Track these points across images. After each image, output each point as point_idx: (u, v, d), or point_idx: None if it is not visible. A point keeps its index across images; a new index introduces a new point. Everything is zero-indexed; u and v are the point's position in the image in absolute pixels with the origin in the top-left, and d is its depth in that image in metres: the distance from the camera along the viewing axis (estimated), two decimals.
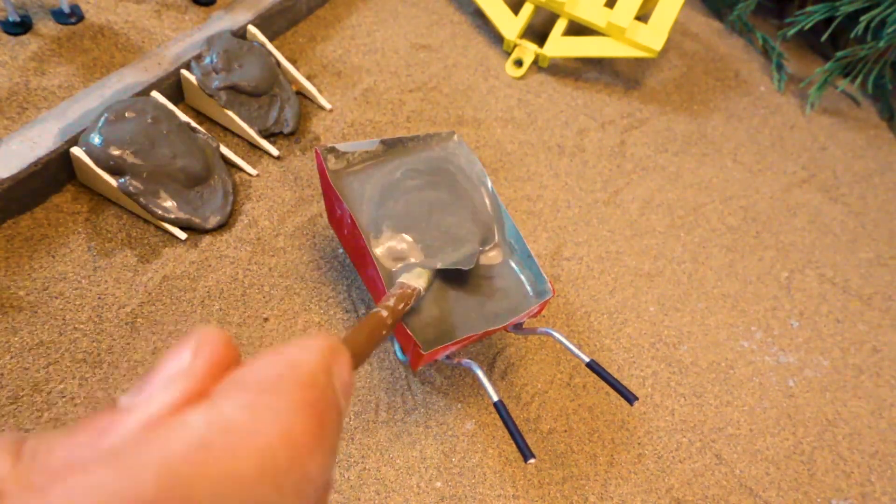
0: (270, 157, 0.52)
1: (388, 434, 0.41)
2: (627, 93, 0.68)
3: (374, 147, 0.45)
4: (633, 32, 0.63)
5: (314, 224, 0.49)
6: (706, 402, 0.48)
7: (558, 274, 0.52)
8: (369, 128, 0.56)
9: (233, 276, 0.45)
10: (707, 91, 0.71)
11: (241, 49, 0.52)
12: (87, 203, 0.46)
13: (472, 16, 0.69)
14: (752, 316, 0.54)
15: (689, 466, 0.45)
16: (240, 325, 0.43)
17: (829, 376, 0.52)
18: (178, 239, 0.46)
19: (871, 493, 0.46)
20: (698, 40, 0.76)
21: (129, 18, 0.55)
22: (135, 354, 0.41)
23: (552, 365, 0.47)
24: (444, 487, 0.40)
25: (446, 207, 0.45)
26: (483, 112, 0.61)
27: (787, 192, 0.64)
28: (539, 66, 0.67)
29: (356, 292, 0.47)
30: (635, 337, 0.50)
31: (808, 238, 0.61)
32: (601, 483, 0.43)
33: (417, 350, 0.36)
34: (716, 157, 0.65)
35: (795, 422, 0.48)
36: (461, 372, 0.45)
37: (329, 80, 0.59)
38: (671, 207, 0.59)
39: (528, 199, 0.56)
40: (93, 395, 0.39)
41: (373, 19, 0.65)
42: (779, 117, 0.71)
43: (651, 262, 0.55)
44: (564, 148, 0.61)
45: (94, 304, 0.42)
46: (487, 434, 0.43)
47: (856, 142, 0.71)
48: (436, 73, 0.63)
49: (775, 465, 0.46)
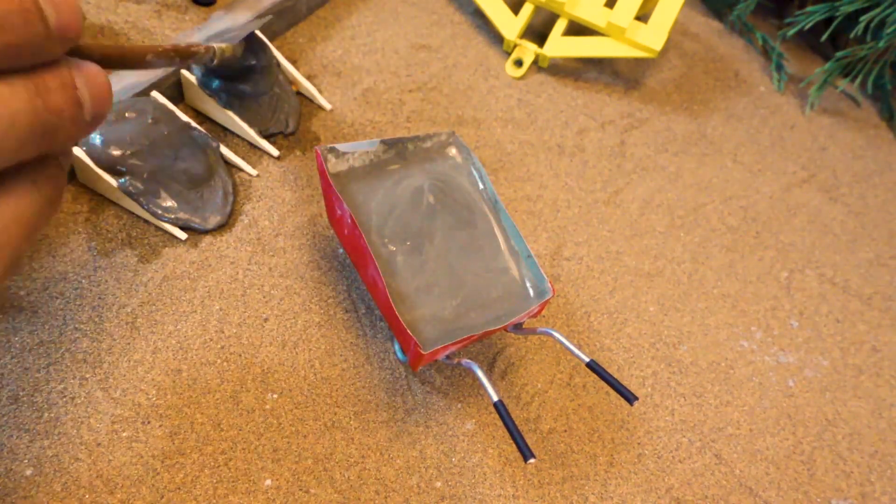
0: (270, 157, 0.52)
1: (388, 434, 0.41)
2: (627, 93, 0.68)
3: (374, 147, 0.45)
4: (633, 32, 0.63)
5: (314, 224, 0.49)
6: (706, 402, 0.48)
7: (558, 274, 0.52)
8: (369, 128, 0.56)
9: (233, 276, 0.45)
10: (707, 91, 0.71)
11: None
12: (87, 203, 0.46)
13: (472, 16, 0.70)
14: (752, 316, 0.54)
15: (689, 466, 0.45)
16: (240, 325, 0.43)
17: (829, 376, 0.52)
18: (178, 239, 0.46)
19: (870, 493, 0.46)
20: (698, 40, 0.76)
21: (129, 18, 0.55)
22: (135, 354, 0.41)
23: (552, 365, 0.47)
24: (444, 487, 0.40)
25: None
26: (483, 112, 0.61)
27: (787, 192, 0.64)
28: (539, 66, 0.67)
29: (356, 292, 0.47)
30: (635, 337, 0.50)
31: (808, 238, 0.61)
32: (601, 483, 0.43)
33: (417, 350, 0.36)
34: (716, 157, 0.65)
35: (795, 422, 0.49)
36: (461, 372, 0.45)
37: (329, 80, 0.59)
38: (671, 207, 0.59)
39: (528, 199, 0.56)
40: (93, 394, 0.39)
41: (373, 19, 0.65)
42: (779, 117, 0.71)
43: (651, 262, 0.55)
44: (564, 148, 0.61)
45: (95, 304, 0.42)
46: (487, 434, 0.43)
47: (856, 142, 0.71)
48: (436, 73, 0.63)
49: (775, 464, 0.46)
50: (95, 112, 0.20)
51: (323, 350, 0.44)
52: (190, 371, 0.41)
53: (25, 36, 0.17)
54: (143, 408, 0.39)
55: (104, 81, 0.20)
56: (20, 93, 0.18)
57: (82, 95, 0.19)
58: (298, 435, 0.40)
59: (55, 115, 0.18)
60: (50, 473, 0.36)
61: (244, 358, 0.42)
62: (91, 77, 0.20)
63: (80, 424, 0.38)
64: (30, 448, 0.36)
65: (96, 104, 0.20)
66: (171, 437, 0.38)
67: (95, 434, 0.37)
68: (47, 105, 0.18)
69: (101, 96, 0.20)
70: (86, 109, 0.19)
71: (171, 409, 0.39)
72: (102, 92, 0.20)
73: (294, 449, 0.40)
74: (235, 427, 0.40)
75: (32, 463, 0.36)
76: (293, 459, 0.39)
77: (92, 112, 0.20)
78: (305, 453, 0.40)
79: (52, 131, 0.19)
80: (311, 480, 0.39)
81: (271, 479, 0.38)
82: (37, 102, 0.18)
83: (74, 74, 0.19)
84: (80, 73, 0.19)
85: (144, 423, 0.38)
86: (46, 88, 0.18)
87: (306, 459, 0.39)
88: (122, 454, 0.37)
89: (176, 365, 0.41)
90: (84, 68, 0.19)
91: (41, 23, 0.17)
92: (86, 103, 0.19)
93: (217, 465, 0.38)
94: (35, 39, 0.17)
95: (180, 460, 0.38)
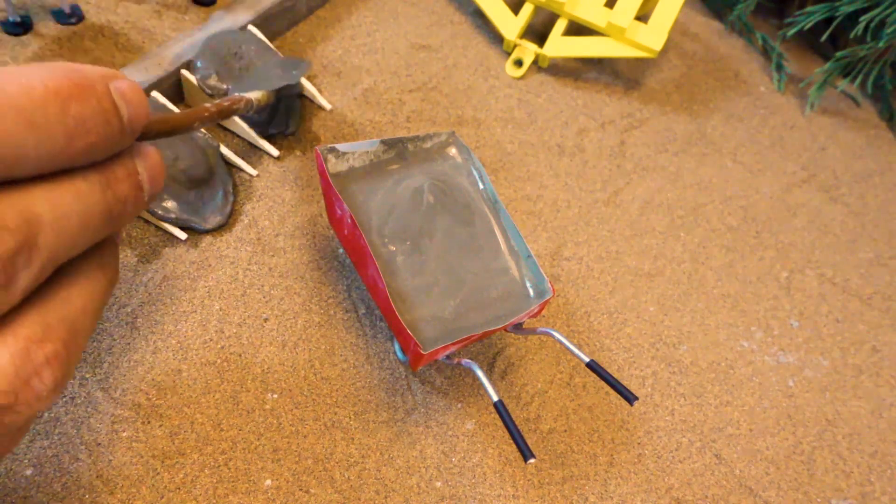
0: (270, 157, 0.52)
1: (388, 434, 0.41)
2: (627, 93, 0.68)
3: (374, 147, 0.45)
4: (633, 32, 0.63)
5: (314, 224, 0.49)
6: (706, 402, 0.48)
7: (558, 274, 0.52)
8: (369, 128, 0.56)
9: (233, 276, 0.45)
10: (707, 91, 0.71)
11: None
12: None
13: (472, 16, 0.70)
14: (752, 316, 0.54)
15: (689, 466, 0.45)
16: (240, 325, 0.43)
17: (829, 376, 0.52)
18: (178, 239, 0.46)
19: (870, 493, 0.46)
20: (698, 40, 0.76)
21: (130, 19, 0.55)
22: (135, 354, 0.41)
23: (552, 365, 0.47)
24: (444, 487, 0.40)
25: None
26: (483, 112, 0.61)
27: (787, 192, 0.64)
28: (539, 66, 0.67)
29: (356, 292, 0.47)
30: (635, 337, 0.50)
31: (808, 238, 0.61)
32: (601, 483, 0.43)
33: (417, 350, 0.36)
34: (716, 157, 0.65)
35: (795, 422, 0.49)
36: (461, 372, 0.45)
37: (329, 80, 0.59)
38: (671, 207, 0.59)
39: (528, 199, 0.56)
40: (93, 394, 0.39)
41: (373, 19, 0.65)
42: (779, 117, 0.71)
43: (651, 262, 0.55)
44: (564, 148, 0.61)
45: None
46: (487, 434, 0.43)
47: (856, 142, 0.71)
48: (436, 73, 0.63)
49: (775, 464, 0.46)
50: (152, 192, 0.21)
51: (323, 350, 0.44)
52: (190, 371, 0.41)
53: (105, 135, 0.18)
54: (143, 408, 0.39)
55: (159, 162, 0.21)
56: (94, 187, 0.18)
57: (143, 178, 0.20)
58: (298, 435, 0.40)
59: (121, 204, 0.19)
60: (50, 473, 0.36)
61: (244, 358, 0.42)
62: (150, 159, 0.20)
63: (80, 424, 0.38)
64: (30, 448, 0.36)
65: (154, 185, 0.21)
66: (171, 437, 0.38)
67: (95, 434, 0.37)
68: (116, 195, 0.19)
69: (158, 175, 0.21)
70: (145, 191, 0.20)
71: (171, 409, 0.39)
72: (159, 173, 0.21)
73: (294, 449, 0.40)
74: (235, 427, 0.40)
75: (32, 463, 0.36)
76: (293, 459, 0.39)
77: (150, 192, 0.21)
78: (305, 453, 0.40)
79: (118, 218, 0.19)
80: (311, 480, 0.39)
81: (271, 479, 0.38)
82: (108, 195, 0.19)
83: (137, 162, 0.20)
84: (142, 159, 0.20)
85: (144, 423, 0.38)
86: (116, 179, 0.19)
87: (306, 459, 0.39)
88: (122, 454, 0.37)
89: (176, 365, 0.41)
90: (144, 152, 0.20)
91: (118, 121, 0.18)
92: (145, 185, 0.20)
93: (217, 465, 0.38)
94: (113, 137, 0.18)
95: (180, 460, 0.38)
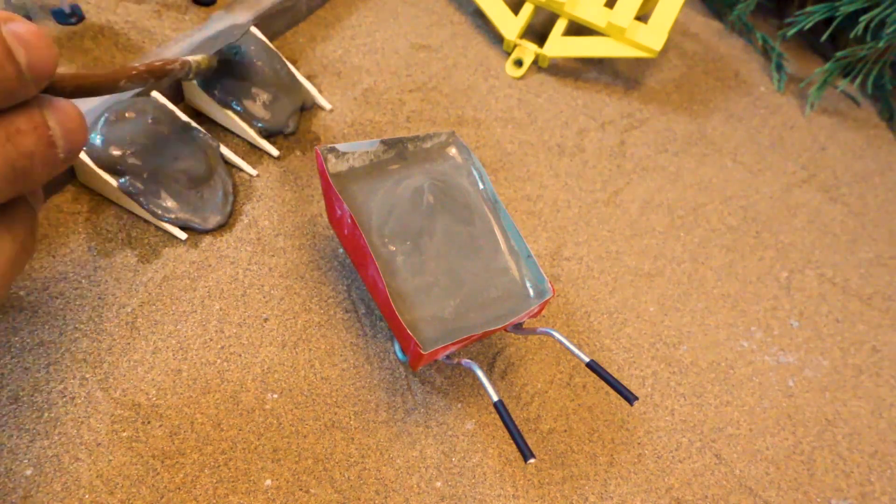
0: (270, 157, 0.52)
1: (388, 434, 0.41)
2: (627, 93, 0.68)
3: (374, 147, 0.45)
4: (633, 32, 0.63)
5: (314, 224, 0.49)
6: (706, 402, 0.48)
7: (558, 274, 0.52)
8: (369, 128, 0.56)
9: (233, 276, 0.45)
10: (707, 91, 0.71)
11: None
12: (87, 203, 0.46)
13: (472, 16, 0.70)
14: (752, 316, 0.54)
15: (689, 466, 0.45)
16: (240, 325, 0.43)
17: (829, 376, 0.52)
18: (178, 239, 0.46)
19: (870, 493, 0.46)
20: (698, 40, 0.76)
21: (130, 18, 0.55)
22: (135, 354, 0.41)
23: (552, 365, 0.47)
24: (444, 487, 0.40)
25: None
26: (483, 112, 0.61)
27: (787, 192, 0.64)
28: (539, 66, 0.67)
29: (356, 292, 0.47)
30: (635, 337, 0.50)
31: (808, 238, 0.61)
32: (601, 483, 0.43)
33: (417, 350, 0.36)
34: (716, 157, 0.65)
35: (795, 422, 0.49)
36: (461, 372, 0.45)
37: (329, 80, 0.59)
38: (671, 207, 0.59)
39: (528, 199, 0.56)
40: (93, 394, 0.39)
41: (373, 19, 0.65)
42: (779, 117, 0.71)
43: (651, 262, 0.55)
44: (564, 148, 0.61)
45: (95, 304, 0.42)
46: (487, 434, 0.43)
47: (856, 142, 0.71)
48: (436, 73, 0.63)
49: (775, 465, 0.46)
50: (69, 149, 0.19)
51: (323, 350, 0.44)
52: (190, 371, 0.41)
53: None
54: (143, 408, 0.39)
55: (77, 115, 0.19)
56: None
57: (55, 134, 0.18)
58: (298, 435, 0.40)
59: (27, 159, 0.18)
60: (50, 473, 0.36)
61: (244, 358, 0.42)
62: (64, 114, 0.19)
63: (80, 424, 0.38)
64: (30, 448, 0.36)
65: (70, 142, 0.19)
66: (171, 437, 0.38)
67: (95, 434, 0.37)
68: (19, 149, 0.17)
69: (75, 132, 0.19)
70: (59, 148, 0.19)
71: (171, 409, 0.39)
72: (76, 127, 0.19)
73: (294, 449, 0.40)
74: (235, 427, 0.40)
75: (32, 463, 0.36)
76: (293, 459, 0.39)
77: (65, 150, 0.19)
78: (305, 453, 0.40)
79: (23, 175, 0.18)
80: (311, 480, 0.39)
81: (271, 479, 0.38)
82: (8, 148, 0.17)
83: (46, 114, 0.18)
84: (52, 112, 0.18)
85: (144, 423, 0.38)
86: (18, 132, 0.17)
87: (306, 459, 0.39)
88: (122, 454, 0.37)
89: (176, 365, 0.41)
90: (56, 105, 0.18)
91: (12, 66, 0.16)
92: (59, 142, 0.18)
93: (217, 465, 0.38)
94: (7, 83, 0.16)
95: (180, 460, 0.38)
